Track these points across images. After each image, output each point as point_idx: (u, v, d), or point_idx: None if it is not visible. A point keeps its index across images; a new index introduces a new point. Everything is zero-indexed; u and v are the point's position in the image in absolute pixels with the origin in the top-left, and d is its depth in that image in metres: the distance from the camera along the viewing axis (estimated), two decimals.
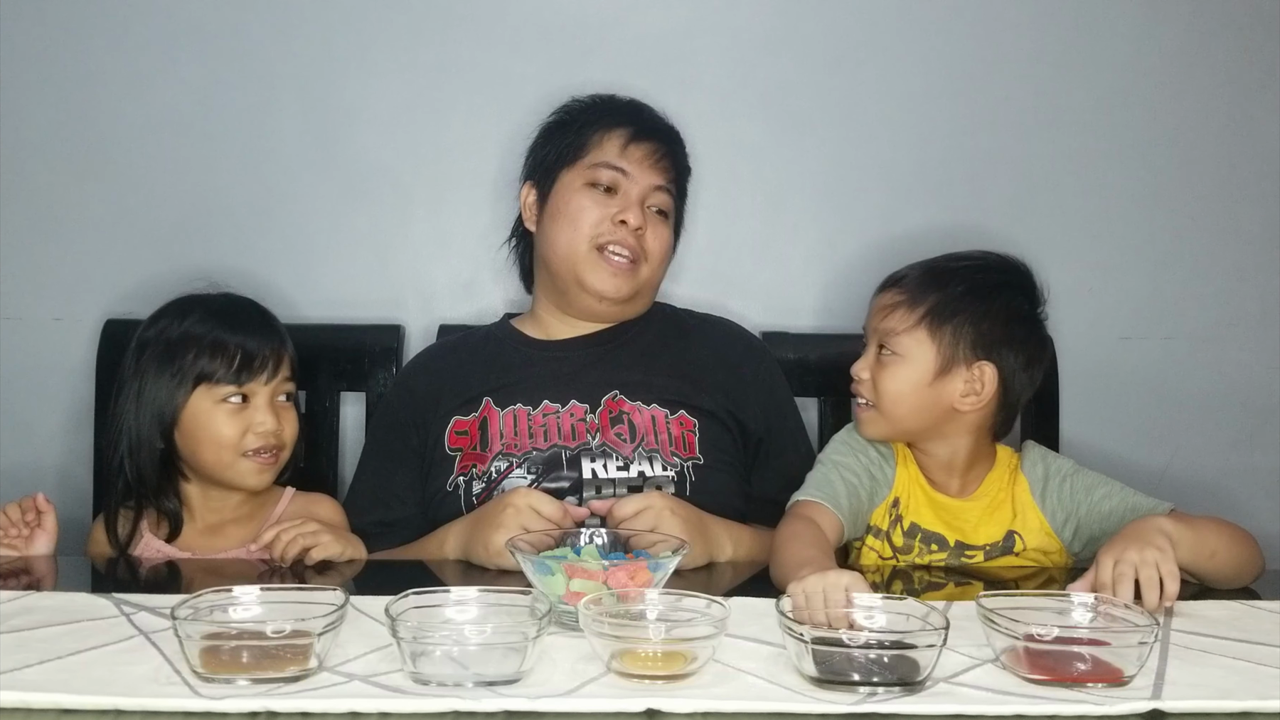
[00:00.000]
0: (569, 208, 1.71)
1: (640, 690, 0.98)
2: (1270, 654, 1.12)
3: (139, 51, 2.00)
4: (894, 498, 1.53)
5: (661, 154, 1.73)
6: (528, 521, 1.39)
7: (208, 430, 1.52)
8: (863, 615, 1.09)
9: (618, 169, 1.70)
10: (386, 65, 2.03)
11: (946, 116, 2.07)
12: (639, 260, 1.69)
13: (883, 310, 1.53)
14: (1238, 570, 1.37)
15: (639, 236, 1.69)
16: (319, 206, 2.04)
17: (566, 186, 1.72)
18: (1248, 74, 2.08)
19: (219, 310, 1.58)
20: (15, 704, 0.94)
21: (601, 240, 1.68)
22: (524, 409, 1.66)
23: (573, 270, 1.70)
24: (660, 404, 1.67)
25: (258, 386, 1.54)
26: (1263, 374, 2.11)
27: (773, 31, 2.05)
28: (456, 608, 1.09)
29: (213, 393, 1.52)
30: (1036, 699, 0.98)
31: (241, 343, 1.54)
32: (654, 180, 1.72)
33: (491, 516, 1.43)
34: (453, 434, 1.67)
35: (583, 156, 1.72)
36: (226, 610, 1.06)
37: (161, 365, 1.53)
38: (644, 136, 1.73)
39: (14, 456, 1.99)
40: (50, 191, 2.01)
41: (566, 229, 1.70)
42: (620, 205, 1.69)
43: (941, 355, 1.49)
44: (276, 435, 1.54)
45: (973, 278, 1.53)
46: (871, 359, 1.53)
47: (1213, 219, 2.10)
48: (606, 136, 1.72)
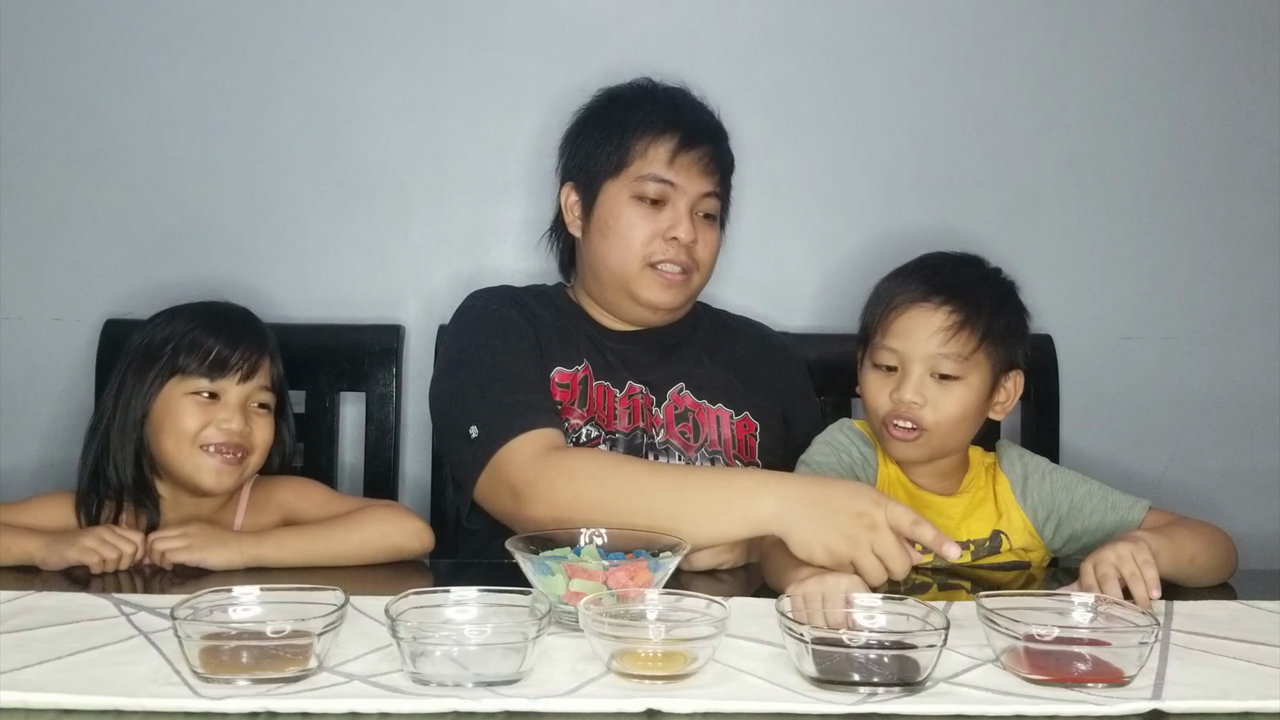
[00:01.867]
0: (618, 224, 1.64)
1: (640, 690, 0.98)
2: (1270, 654, 1.11)
3: (139, 51, 2.00)
4: None
5: (710, 159, 1.66)
6: (881, 544, 1.24)
7: (170, 418, 1.51)
8: (863, 616, 1.09)
9: (666, 181, 1.63)
10: (386, 65, 2.03)
11: (946, 116, 2.07)
12: (691, 271, 1.66)
13: (942, 333, 1.43)
14: (1215, 573, 1.39)
15: (690, 248, 1.64)
16: (319, 207, 2.04)
17: (613, 200, 1.65)
18: (1248, 74, 2.09)
19: (204, 313, 1.58)
20: (15, 704, 0.94)
21: (654, 258, 1.63)
22: (612, 389, 1.64)
23: (625, 286, 1.66)
24: (726, 404, 1.67)
25: (229, 385, 1.52)
26: (1263, 374, 2.12)
27: (773, 31, 2.05)
28: (456, 608, 1.09)
29: (183, 384, 1.51)
30: (1036, 699, 0.98)
31: (218, 342, 1.53)
32: (703, 188, 1.65)
33: (840, 519, 1.26)
34: (555, 384, 1.62)
35: (627, 167, 1.64)
36: (226, 610, 1.06)
37: (143, 364, 1.53)
38: (690, 144, 1.64)
39: (14, 456, 1.99)
40: (50, 191, 2.01)
41: (617, 246, 1.64)
42: (670, 219, 1.62)
43: (993, 372, 1.47)
44: (242, 436, 1.52)
45: (994, 288, 1.51)
46: (919, 382, 1.44)
47: (1213, 219, 2.10)
48: (652, 146, 1.64)
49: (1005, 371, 1.49)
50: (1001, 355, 1.47)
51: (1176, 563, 1.32)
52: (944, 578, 1.42)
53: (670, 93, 1.72)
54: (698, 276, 1.68)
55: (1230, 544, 1.42)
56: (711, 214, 1.69)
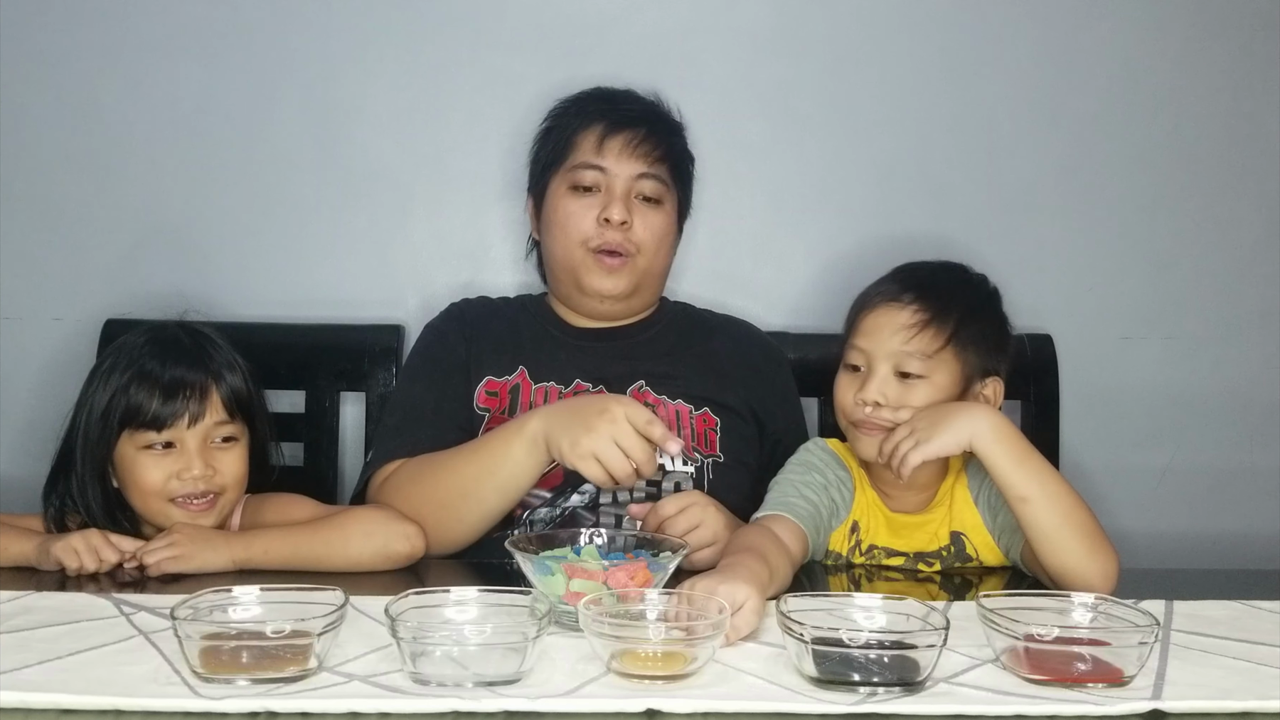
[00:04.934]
0: (558, 214, 1.70)
1: (640, 690, 0.98)
2: (1270, 654, 1.12)
3: (139, 51, 2.00)
4: (853, 521, 1.50)
5: (639, 140, 1.69)
6: (622, 436, 1.36)
7: (130, 475, 1.45)
8: (862, 616, 1.08)
9: (596, 166, 1.68)
10: (386, 65, 2.03)
11: (947, 116, 2.07)
12: (632, 254, 1.69)
13: (906, 330, 1.42)
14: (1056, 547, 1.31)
15: (626, 230, 1.67)
16: (319, 206, 2.04)
17: (554, 193, 1.72)
18: (1248, 74, 2.08)
19: (141, 357, 1.47)
20: (15, 704, 0.94)
21: (591, 243, 1.68)
22: (556, 387, 1.66)
23: (572, 276, 1.71)
24: (685, 399, 1.67)
25: (181, 433, 1.44)
26: (1263, 374, 2.11)
27: (773, 31, 2.05)
28: (456, 608, 1.09)
29: (135, 439, 1.44)
30: (1036, 699, 0.99)
31: (156, 392, 1.44)
32: (635, 169, 1.68)
33: (586, 417, 1.39)
34: (484, 393, 1.66)
35: (564, 161, 1.71)
36: (226, 610, 1.06)
37: (101, 418, 1.46)
38: (618, 127, 1.69)
39: (14, 456, 1.99)
40: (50, 191, 2.01)
41: (560, 236, 1.70)
42: (604, 203, 1.68)
43: (964, 376, 1.44)
44: (207, 482, 1.45)
45: (971, 292, 1.50)
46: (884, 381, 1.42)
47: (1213, 219, 2.10)
48: (583, 135, 1.70)
49: (981, 378, 1.46)
50: (973, 359, 1.44)
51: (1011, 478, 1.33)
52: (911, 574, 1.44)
53: (607, 90, 1.80)
54: (641, 259, 1.69)
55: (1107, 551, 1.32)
56: (652, 197, 1.70)
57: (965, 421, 1.35)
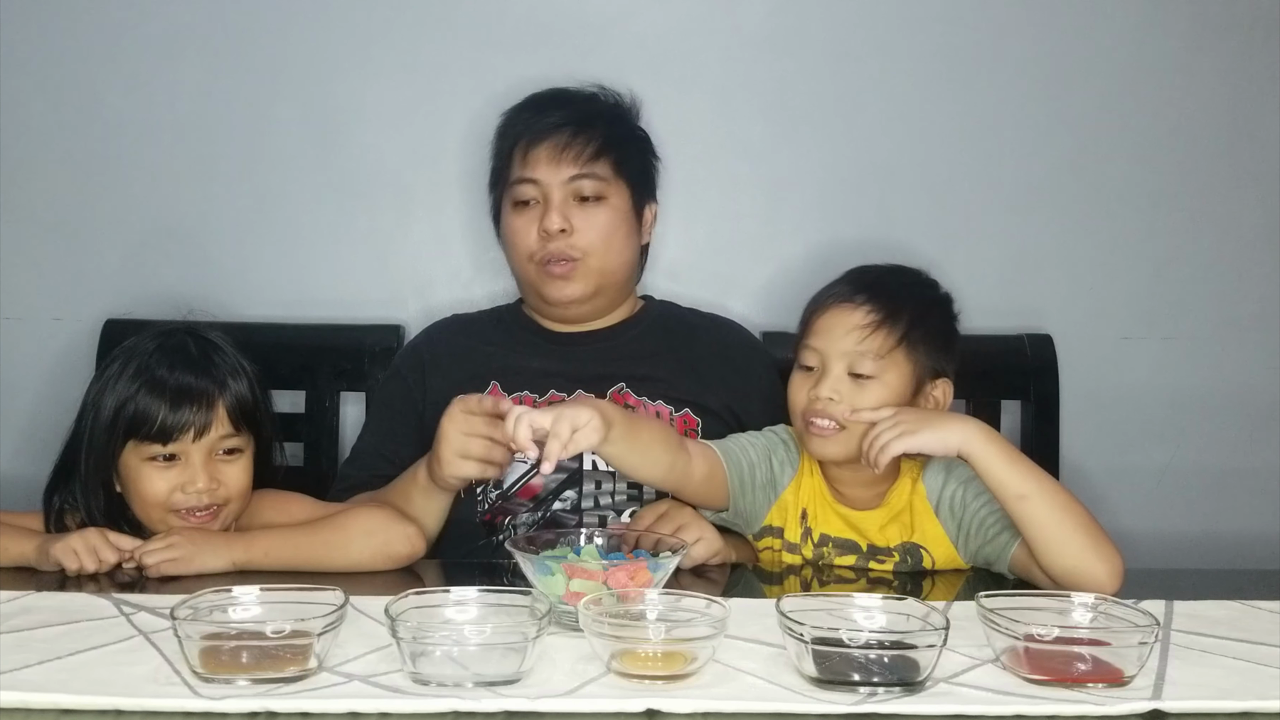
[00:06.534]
0: (506, 232, 1.73)
1: (640, 690, 0.98)
2: (1270, 654, 1.12)
3: (139, 51, 2.00)
4: (802, 509, 1.50)
5: (564, 144, 1.68)
6: (469, 428, 1.42)
7: (134, 485, 1.45)
8: (862, 616, 1.09)
9: (529, 180, 1.68)
10: (386, 65, 2.03)
11: (946, 116, 2.07)
12: (578, 258, 1.68)
13: (859, 330, 1.43)
14: (1060, 544, 1.30)
15: (568, 237, 1.66)
16: (319, 207, 2.04)
17: (504, 214, 1.74)
18: (1248, 74, 2.08)
19: (150, 364, 1.46)
20: (15, 704, 0.94)
21: (536, 256, 1.68)
22: (530, 396, 1.66)
23: (531, 289, 1.73)
24: (666, 400, 1.67)
25: (186, 446, 1.43)
26: (1263, 374, 2.11)
27: (773, 31, 2.05)
28: (456, 608, 1.09)
29: (140, 450, 1.44)
30: (1036, 699, 0.99)
31: (163, 404, 1.43)
32: (566, 173, 1.67)
33: (438, 433, 1.45)
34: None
35: (505, 177, 1.73)
36: (226, 610, 1.06)
37: (106, 426, 1.45)
38: (542, 135, 1.69)
39: (14, 456, 1.99)
40: (50, 191, 2.01)
41: (512, 254, 1.74)
42: (542, 214, 1.67)
43: (915, 377, 1.45)
44: (211, 495, 1.44)
45: (921, 294, 1.50)
46: (838, 380, 1.43)
47: (1213, 219, 2.10)
48: (514, 150, 1.72)
49: (932, 379, 1.47)
50: (924, 360, 1.45)
51: (1003, 480, 1.33)
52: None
53: (537, 96, 1.79)
54: (592, 260, 1.69)
55: (1109, 551, 1.31)
56: (591, 195, 1.69)
57: (957, 426, 1.36)
